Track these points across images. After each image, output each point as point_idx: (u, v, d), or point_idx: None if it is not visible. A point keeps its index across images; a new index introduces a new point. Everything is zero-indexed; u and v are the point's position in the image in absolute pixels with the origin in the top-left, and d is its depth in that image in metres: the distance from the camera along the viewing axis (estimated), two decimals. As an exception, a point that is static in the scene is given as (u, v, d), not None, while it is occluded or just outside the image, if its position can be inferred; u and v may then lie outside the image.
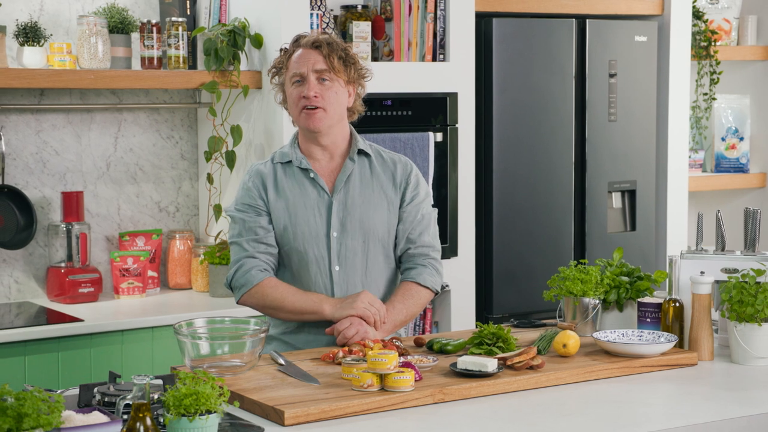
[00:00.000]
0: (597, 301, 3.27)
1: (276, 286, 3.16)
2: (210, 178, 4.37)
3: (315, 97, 3.14)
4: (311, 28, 4.19)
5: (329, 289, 3.19)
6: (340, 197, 3.20)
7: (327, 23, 4.31)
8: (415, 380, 2.66)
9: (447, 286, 4.50)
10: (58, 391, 2.37)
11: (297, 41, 3.22)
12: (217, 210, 4.30)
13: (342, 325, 3.09)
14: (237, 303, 3.24)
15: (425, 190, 3.32)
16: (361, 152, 3.26)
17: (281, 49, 3.27)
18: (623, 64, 5.00)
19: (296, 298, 3.14)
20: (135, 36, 4.28)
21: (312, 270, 3.19)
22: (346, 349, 2.93)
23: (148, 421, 2.16)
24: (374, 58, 4.43)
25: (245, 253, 3.19)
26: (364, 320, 3.08)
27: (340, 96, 3.19)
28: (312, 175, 3.21)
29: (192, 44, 4.34)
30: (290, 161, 3.23)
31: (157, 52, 4.22)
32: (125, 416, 2.30)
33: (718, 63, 5.56)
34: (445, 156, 4.48)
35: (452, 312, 4.55)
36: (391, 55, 4.46)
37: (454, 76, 4.50)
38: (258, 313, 3.41)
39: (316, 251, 3.19)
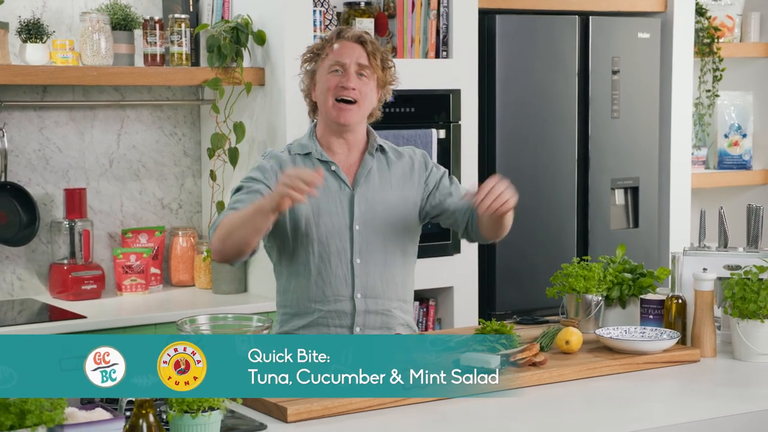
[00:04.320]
0: (600, 298, 3.27)
1: (228, 215, 3.04)
2: (213, 175, 4.37)
3: (353, 89, 3.14)
4: (314, 25, 4.18)
5: (350, 282, 3.17)
6: (362, 191, 3.19)
7: (330, 20, 4.31)
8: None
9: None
10: (61, 388, 2.37)
11: (340, 33, 3.21)
12: (220, 207, 4.30)
13: None
14: (214, 260, 3.12)
15: (441, 168, 3.32)
16: (379, 148, 3.27)
17: (322, 38, 3.26)
18: (626, 60, 4.99)
19: (242, 212, 3.00)
20: (138, 33, 4.28)
21: (333, 262, 3.18)
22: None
23: (151, 418, 2.16)
24: (377, 55, 4.43)
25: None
26: (291, 189, 2.85)
27: (372, 94, 3.19)
28: (333, 167, 3.20)
29: (195, 41, 4.33)
30: (309, 153, 3.23)
31: (160, 49, 4.22)
32: (128, 413, 2.30)
33: (721, 60, 5.56)
34: (447, 153, 4.48)
35: (455, 309, 4.54)
36: (394, 52, 4.45)
37: (457, 73, 4.49)
38: (261, 310, 3.41)
39: (338, 243, 3.18)
